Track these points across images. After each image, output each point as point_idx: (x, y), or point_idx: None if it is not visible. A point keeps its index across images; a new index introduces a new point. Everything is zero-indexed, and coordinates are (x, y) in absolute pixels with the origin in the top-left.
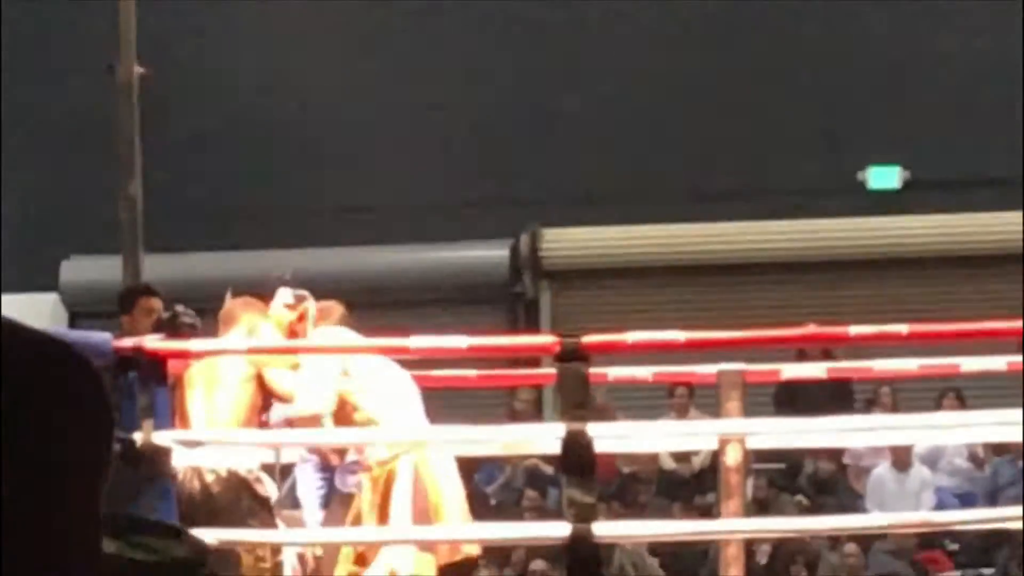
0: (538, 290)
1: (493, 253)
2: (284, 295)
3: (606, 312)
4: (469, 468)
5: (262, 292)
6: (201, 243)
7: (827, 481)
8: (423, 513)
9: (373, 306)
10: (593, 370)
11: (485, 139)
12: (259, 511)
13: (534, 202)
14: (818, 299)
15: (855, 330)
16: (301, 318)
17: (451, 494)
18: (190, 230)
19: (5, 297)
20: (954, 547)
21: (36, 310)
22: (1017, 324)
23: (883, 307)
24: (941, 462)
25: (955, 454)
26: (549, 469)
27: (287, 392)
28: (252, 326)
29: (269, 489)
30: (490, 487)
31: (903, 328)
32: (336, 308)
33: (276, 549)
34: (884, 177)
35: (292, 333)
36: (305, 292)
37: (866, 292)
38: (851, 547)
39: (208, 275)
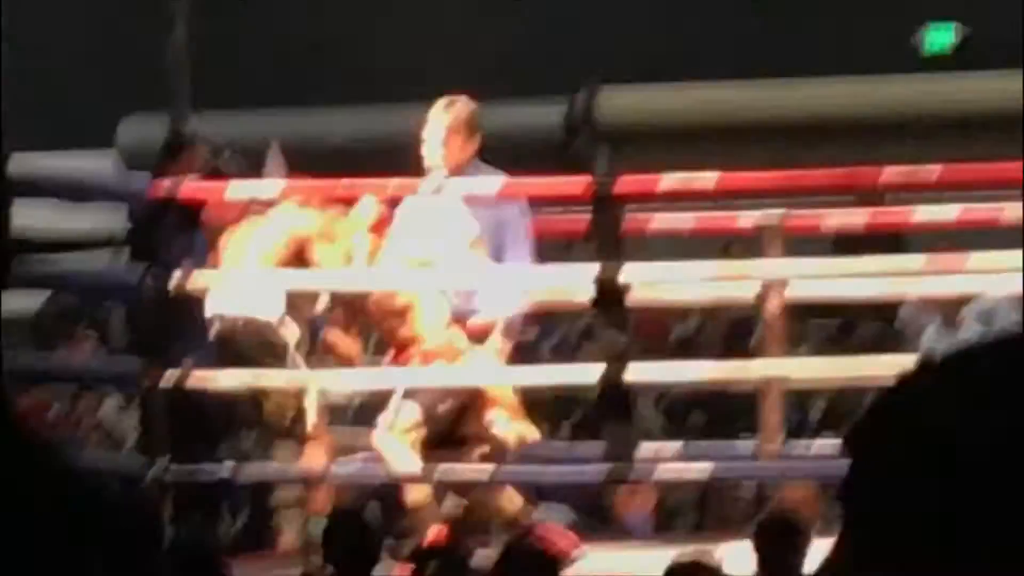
0: (594, 152)
1: (547, 111)
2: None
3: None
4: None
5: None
6: (256, 100)
7: (879, 340)
8: None
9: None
10: (634, 217)
11: None
12: (276, 354)
13: (591, 60)
14: (885, 159)
15: (886, 173)
16: (382, 222)
17: None
18: (246, 87)
19: (65, 155)
20: None
21: (96, 168)
22: None
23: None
24: (996, 319)
25: (1012, 309)
26: None
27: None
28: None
29: (289, 335)
30: (543, 346)
31: (934, 170)
32: None
33: (298, 394)
34: (940, 36)
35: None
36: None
37: (922, 153)
38: None
39: (262, 134)
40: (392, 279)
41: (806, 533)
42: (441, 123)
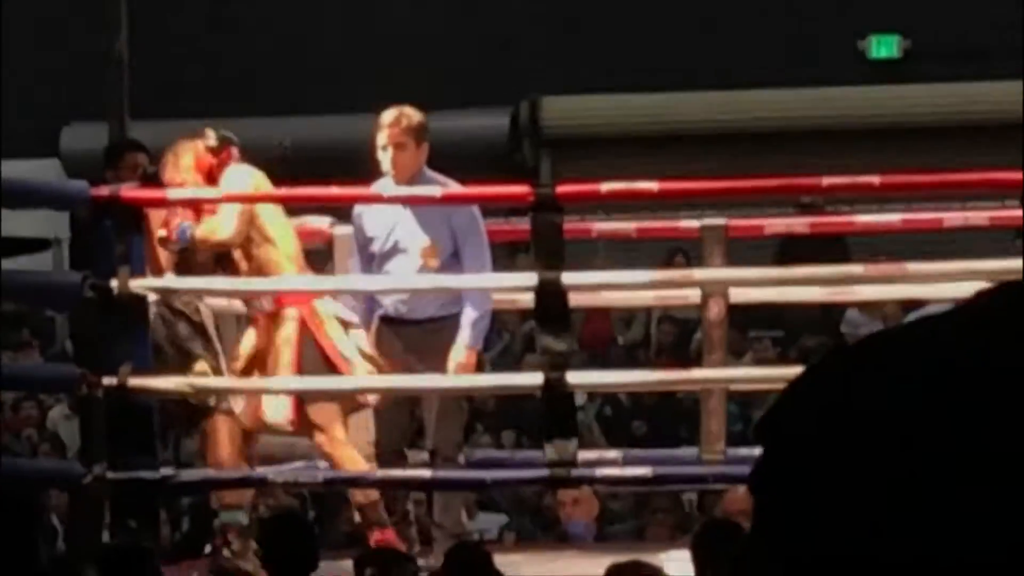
0: (538, 159)
1: (492, 122)
2: (209, 136)
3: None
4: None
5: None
6: (192, 110)
7: (819, 351)
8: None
9: (370, 174)
10: (576, 225)
11: (485, 5)
12: (196, 335)
13: (534, 70)
14: (822, 168)
15: (828, 180)
16: (222, 163)
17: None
18: (180, 97)
19: (7, 163)
20: None
21: (38, 176)
22: (989, 175)
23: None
24: None
25: None
26: None
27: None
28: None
29: (208, 324)
30: (488, 353)
31: (875, 179)
32: None
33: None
34: (884, 46)
35: (210, 177)
36: (232, 136)
37: (866, 161)
38: None
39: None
40: (332, 283)
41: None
42: (389, 133)
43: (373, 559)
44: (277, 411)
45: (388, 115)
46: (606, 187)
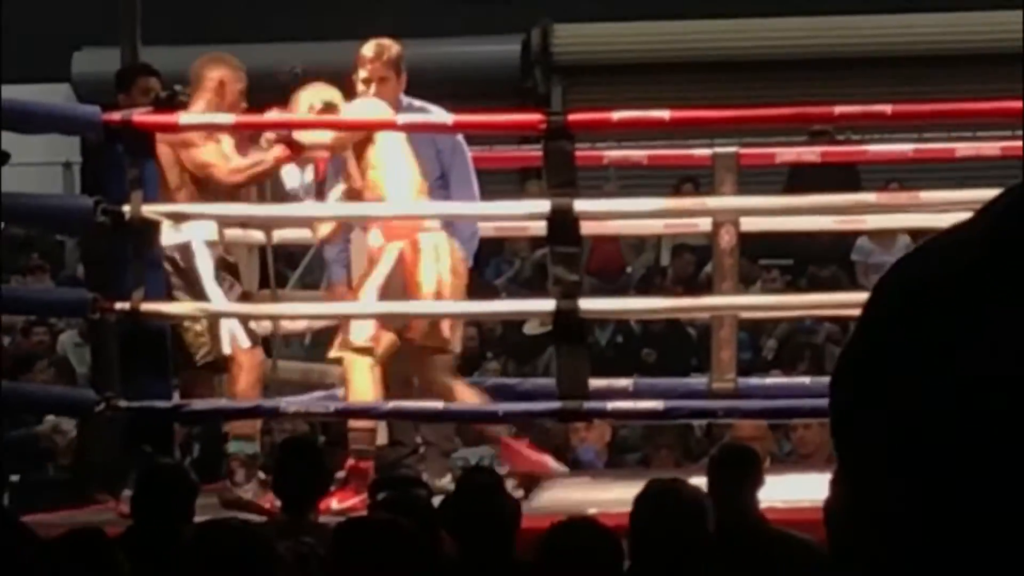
0: (549, 87)
1: (504, 48)
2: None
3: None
4: (476, 261)
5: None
6: (202, 36)
7: (829, 280)
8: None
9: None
10: (587, 153)
11: None
12: (185, 285)
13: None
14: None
15: (840, 109)
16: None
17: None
18: (193, 23)
19: (18, 87)
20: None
21: (49, 100)
22: (1001, 104)
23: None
24: None
25: None
26: None
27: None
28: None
29: (200, 263)
30: (498, 280)
31: (887, 107)
32: None
33: (211, 322)
34: None
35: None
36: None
37: (877, 91)
38: None
39: None
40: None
41: (759, 466)
42: (372, 68)
43: (386, 484)
44: (359, 334)
45: (369, 49)
46: (618, 115)
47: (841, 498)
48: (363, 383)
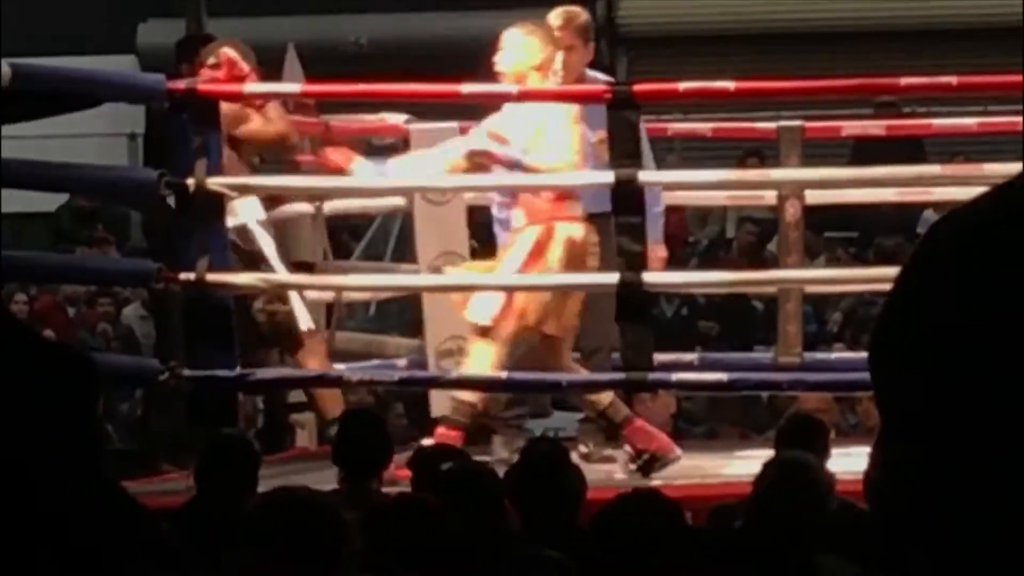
0: (614, 58)
1: None
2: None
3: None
4: None
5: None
6: (269, 8)
7: (894, 253)
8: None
9: (445, 73)
10: (651, 124)
11: None
12: (251, 266)
13: None
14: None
15: (905, 80)
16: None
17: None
18: None
19: (84, 59)
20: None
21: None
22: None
23: None
24: None
25: None
26: None
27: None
28: None
29: (262, 243)
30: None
31: (952, 79)
32: None
33: (283, 299)
34: None
35: None
36: None
37: (941, 63)
38: None
39: (276, 39)
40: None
41: (827, 438)
42: (561, 35)
43: (434, 457)
44: (476, 311)
45: (556, 17)
46: (683, 86)
47: (879, 461)
48: (475, 364)
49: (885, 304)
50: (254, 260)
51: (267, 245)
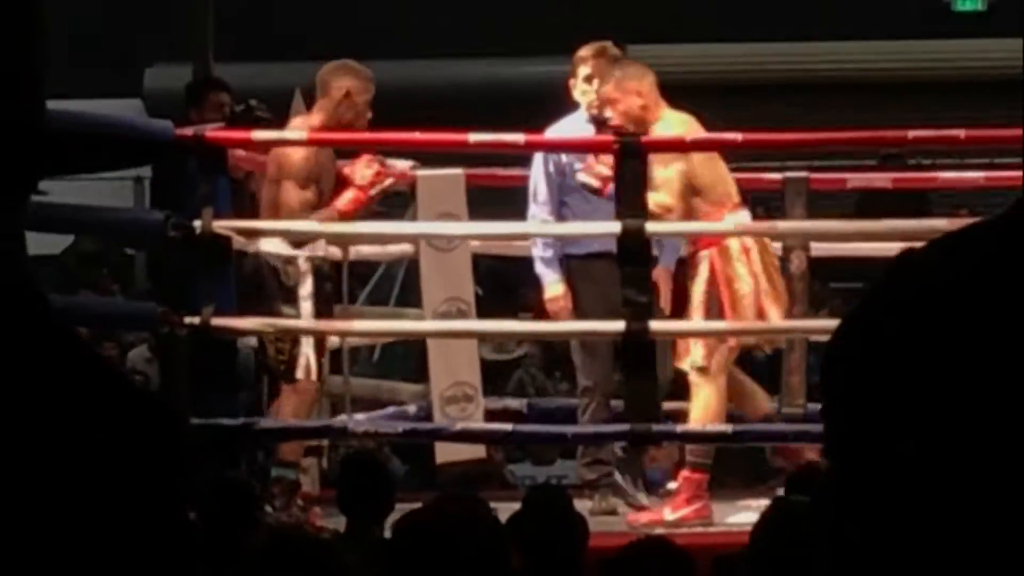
0: None
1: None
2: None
3: None
4: None
5: None
6: (278, 52)
7: None
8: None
9: (438, 120)
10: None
11: None
12: (277, 300)
13: (613, 17)
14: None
15: (913, 133)
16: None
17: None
18: (266, 40)
19: (91, 102)
20: None
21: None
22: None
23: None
24: None
25: None
26: None
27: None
28: None
29: (304, 280)
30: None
31: (960, 132)
32: None
33: (294, 340)
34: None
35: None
36: None
37: (947, 116)
38: None
39: (284, 84)
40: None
41: None
42: (592, 60)
43: (449, 502)
44: (695, 353)
45: (587, 48)
46: (691, 136)
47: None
48: (699, 406)
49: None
50: (291, 296)
51: (306, 285)
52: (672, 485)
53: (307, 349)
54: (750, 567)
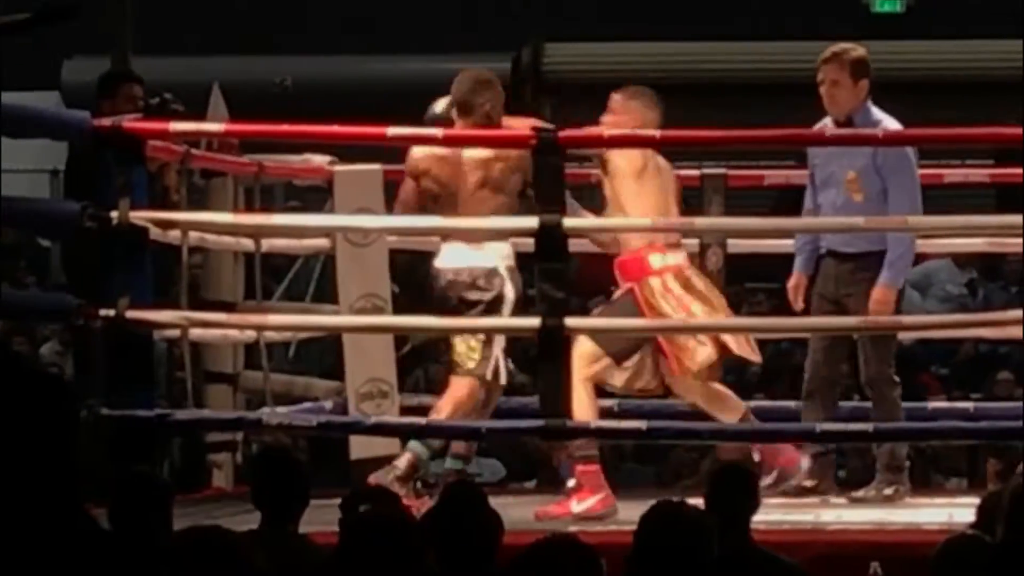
0: (539, 105)
1: (494, 66)
2: None
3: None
4: None
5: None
6: (195, 47)
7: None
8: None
9: (370, 116)
10: (574, 171)
11: None
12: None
13: (537, 15)
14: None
15: (831, 131)
16: None
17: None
18: (184, 33)
19: (8, 95)
20: (944, 371)
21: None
22: (991, 130)
23: None
24: (932, 288)
25: (947, 280)
26: None
27: None
28: None
29: (505, 289)
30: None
31: (879, 131)
32: None
33: (487, 341)
34: (888, 1)
35: None
36: None
37: None
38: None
39: (201, 79)
40: None
41: (758, 484)
42: (825, 69)
43: (363, 498)
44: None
45: (826, 51)
46: (608, 133)
47: None
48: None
49: None
50: (495, 307)
51: (510, 291)
52: (571, 482)
53: (498, 350)
54: (631, 563)
